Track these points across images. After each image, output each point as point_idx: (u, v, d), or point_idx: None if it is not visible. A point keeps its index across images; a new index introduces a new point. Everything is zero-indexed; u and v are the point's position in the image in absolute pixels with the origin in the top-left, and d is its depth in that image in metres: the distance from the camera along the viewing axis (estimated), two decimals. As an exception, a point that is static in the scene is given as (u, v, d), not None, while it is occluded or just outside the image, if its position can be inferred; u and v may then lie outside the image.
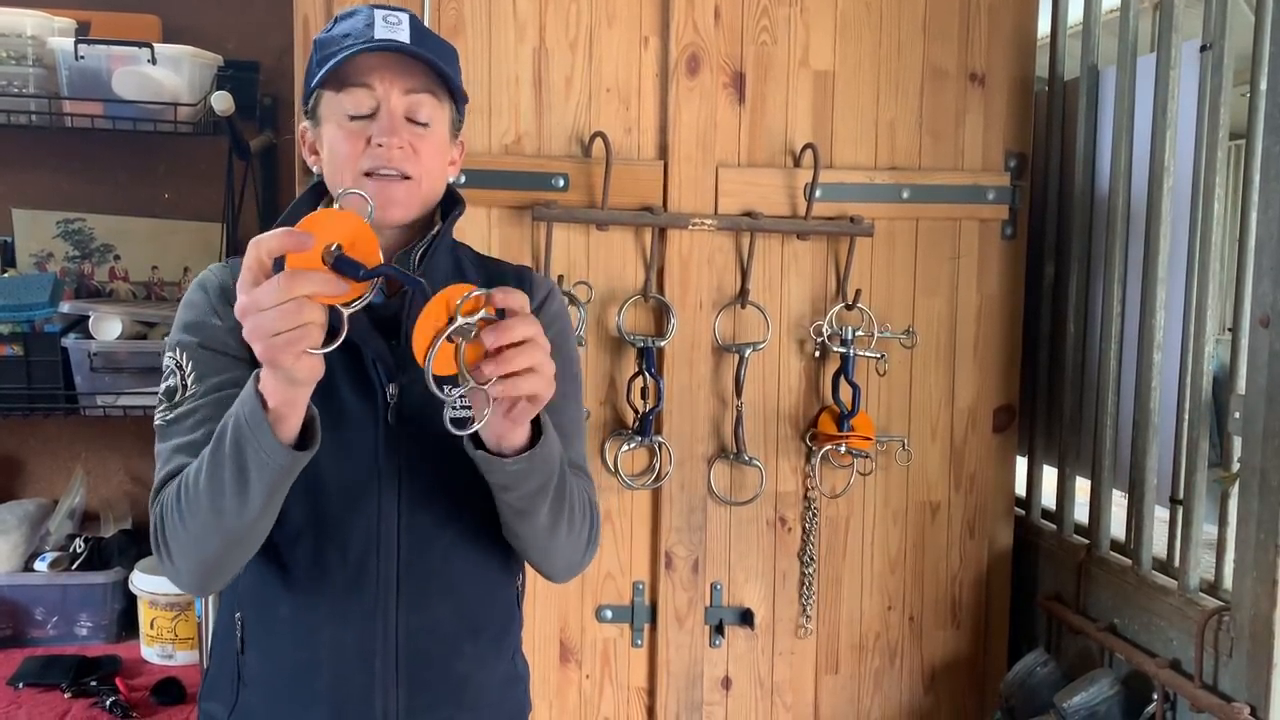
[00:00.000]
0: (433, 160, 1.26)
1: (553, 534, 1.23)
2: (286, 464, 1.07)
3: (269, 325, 0.98)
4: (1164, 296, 1.83)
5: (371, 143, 1.22)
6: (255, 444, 1.06)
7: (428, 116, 1.25)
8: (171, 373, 1.24)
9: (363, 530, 1.23)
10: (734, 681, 2.06)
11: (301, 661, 1.25)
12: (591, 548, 1.32)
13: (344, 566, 1.23)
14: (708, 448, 2.01)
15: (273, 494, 1.11)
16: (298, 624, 1.25)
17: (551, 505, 1.20)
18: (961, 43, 2.03)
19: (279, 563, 1.24)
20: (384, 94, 1.22)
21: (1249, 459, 1.55)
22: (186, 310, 1.28)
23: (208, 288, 1.29)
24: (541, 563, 1.30)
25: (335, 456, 1.21)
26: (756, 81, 1.98)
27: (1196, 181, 1.74)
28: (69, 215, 2.43)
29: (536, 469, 1.15)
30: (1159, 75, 1.82)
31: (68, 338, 2.16)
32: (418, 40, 1.24)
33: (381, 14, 1.24)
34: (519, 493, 1.17)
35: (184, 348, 1.24)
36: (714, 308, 1.98)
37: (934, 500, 2.10)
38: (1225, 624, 1.60)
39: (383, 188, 1.22)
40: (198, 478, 1.12)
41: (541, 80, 1.93)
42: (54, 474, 2.48)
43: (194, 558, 1.17)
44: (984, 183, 2.04)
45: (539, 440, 1.14)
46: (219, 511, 1.11)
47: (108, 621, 2.23)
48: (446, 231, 1.30)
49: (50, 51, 2.12)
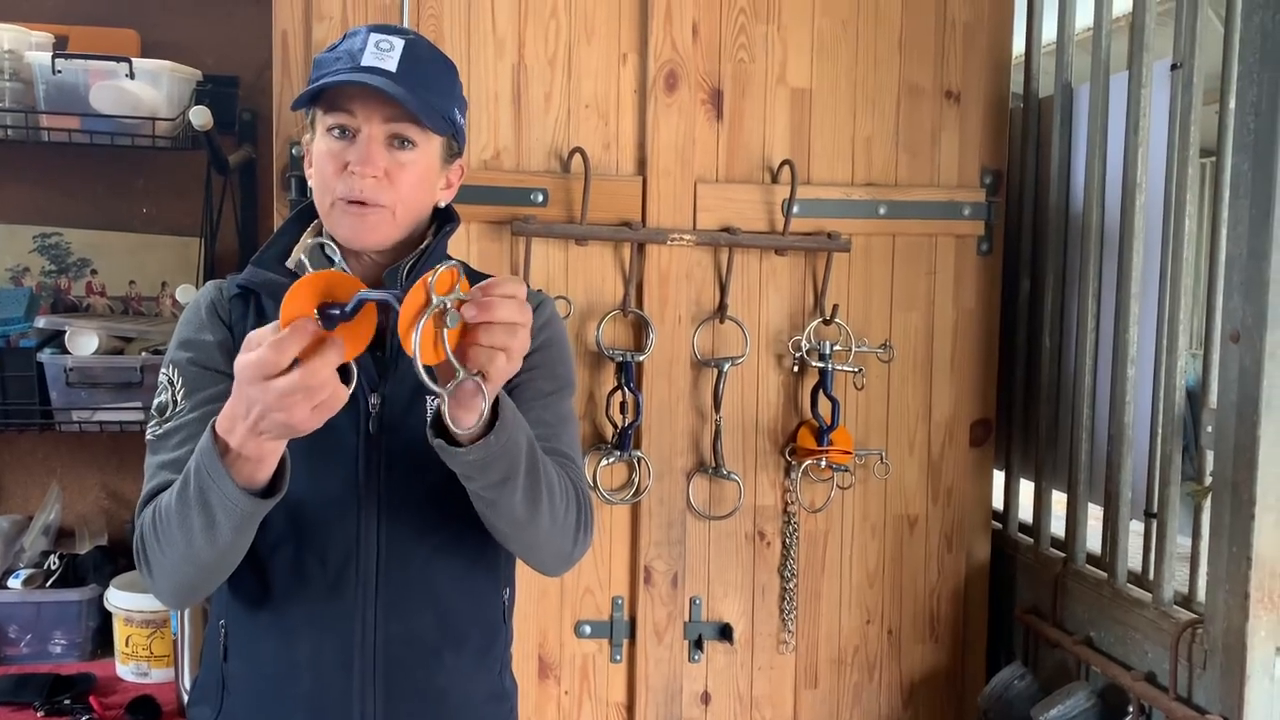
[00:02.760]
0: (411, 188, 1.26)
1: (532, 524, 1.21)
2: (252, 510, 1.10)
3: (306, 402, 0.99)
4: (1137, 311, 1.85)
5: (348, 169, 1.23)
6: (219, 493, 1.08)
7: (413, 140, 1.25)
8: (164, 388, 1.27)
9: (342, 538, 1.24)
10: (713, 697, 2.05)
11: (282, 668, 1.26)
12: (583, 536, 1.30)
13: (324, 574, 1.25)
14: (687, 462, 2.01)
15: (241, 532, 1.13)
16: (278, 631, 1.27)
17: (525, 495, 1.17)
18: (937, 61, 2.05)
19: (260, 571, 1.26)
20: (363, 121, 1.23)
21: (1221, 472, 1.57)
22: (181, 329, 1.32)
23: (200, 305, 1.32)
24: (528, 555, 1.30)
25: (316, 465, 1.23)
26: (734, 98, 1.99)
27: (1168, 198, 1.77)
28: (45, 229, 2.41)
29: (496, 458, 1.12)
30: (1131, 93, 1.84)
31: (43, 352, 2.14)
32: (406, 69, 1.23)
33: (376, 39, 1.24)
34: (482, 483, 1.15)
35: (177, 365, 1.27)
36: (693, 322, 1.99)
37: (912, 514, 2.11)
38: (1199, 636, 1.62)
39: (358, 216, 1.24)
40: (169, 513, 1.14)
41: (520, 96, 1.94)
42: (29, 490, 2.46)
43: (172, 580, 1.20)
44: (960, 199, 2.06)
45: (494, 427, 1.10)
46: (191, 545, 1.13)
47: (82, 639, 2.21)
48: (437, 247, 1.31)
49: (27, 65, 2.11)
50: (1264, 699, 1.53)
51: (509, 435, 1.13)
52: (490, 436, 1.10)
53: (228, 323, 1.29)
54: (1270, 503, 1.50)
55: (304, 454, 1.15)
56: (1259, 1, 1.49)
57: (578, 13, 1.94)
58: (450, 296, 1.02)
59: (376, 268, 1.29)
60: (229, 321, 1.29)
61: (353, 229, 1.24)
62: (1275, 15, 1.47)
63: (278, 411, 0.99)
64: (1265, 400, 1.49)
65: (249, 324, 1.27)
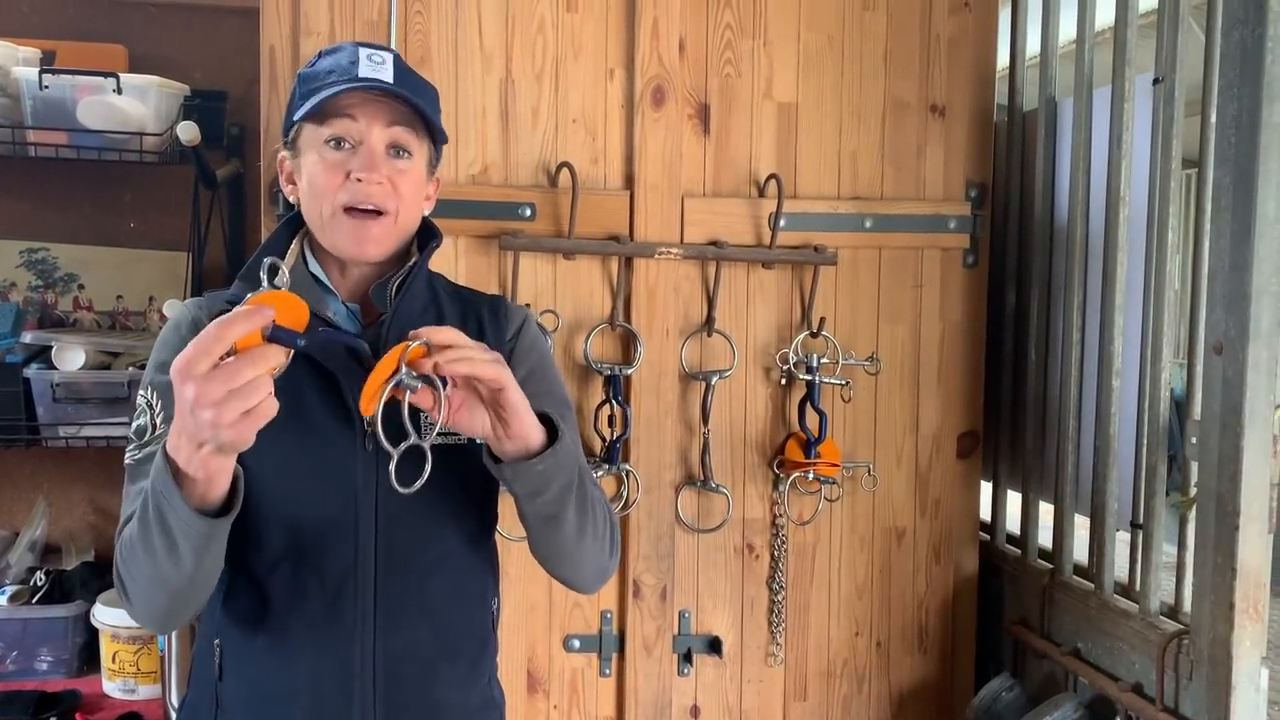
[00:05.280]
0: (410, 195, 1.27)
1: (580, 537, 1.26)
2: (207, 530, 1.09)
3: (238, 405, 0.98)
4: (1122, 323, 1.86)
5: (351, 177, 1.23)
6: (175, 514, 1.07)
7: (410, 149, 1.27)
8: (143, 411, 1.25)
9: (340, 556, 1.24)
10: (702, 710, 2.05)
11: (281, 687, 1.26)
12: (615, 552, 1.34)
13: (322, 592, 1.24)
14: (675, 475, 2.01)
15: (203, 554, 1.12)
16: (276, 650, 1.26)
17: (577, 504, 1.23)
18: (922, 75, 2.07)
19: (257, 590, 1.25)
20: (366, 128, 1.24)
21: (1205, 483, 1.58)
22: (160, 349, 1.29)
23: (180, 324, 1.30)
24: (573, 572, 1.33)
25: (313, 484, 1.23)
26: (721, 113, 2.00)
27: (1151, 210, 1.78)
28: (33, 244, 2.41)
29: (561, 465, 1.18)
30: (1114, 107, 1.85)
31: (30, 368, 2.14)
32: (400, 80, 1.26)
33: (366, 52, 1.25)
34: (549, 494, 1.19)
35: (155, 387, 1.25)
36: (681, 336, 2.00)
37: (900, 526, 2.11)
38: (1185, 647, 1.62)
39: (361, 224, 1.24)
40: (134, 538, 1.14)
41: (508, 111, 1.94)
42: (15, 505, 2.45)
43: (148, 605, 1.20)
44: (945, 212, 2.07)
45: (556, 438, 1.17)
46: (157, 568, 1.13)
47: (69, 656, 2.20)
48: (423, 263, 1.31)
49: (15, 81, 2.11)
50: (1249, 709, 1.54)
51: (567, 440, 1.19)
52: (556, 444, 1.16)
53: None
54: (1254, 513, 1.51)
55: (302, 473, 1.15)
56: (1239, 17, 1.51)
57: (565, 28, 1.95)
58: (417, 373, 1.09)
59: (364, 281, 1.30)
60: None
61: (355, 238, 1.24)
62: (1255, 30, 1.48)
63: (204, 410, 0.97)
64: (1248, 411, 1.50)
65: None
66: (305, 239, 1.33)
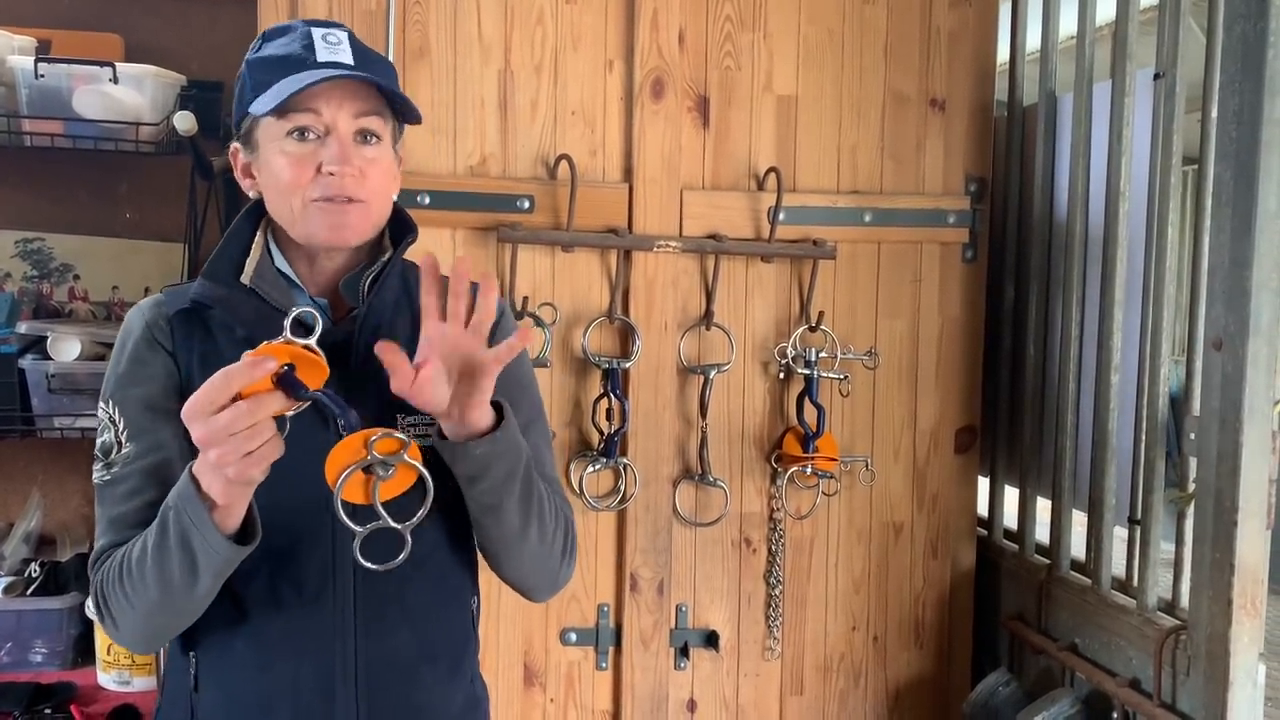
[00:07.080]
0: (381, 181, 1.24)
1: (523, 536, 1.24)
2: (233, 557, 1.10)
3: (239, 447, 1.01)
4: (1121, 319, 1.86)
5: (322, 170, 1.19)
6: (201, 539, 1.08)
7: (379, 133, 1.23)
8: (106, 427, 1.23)
9: (318, 561, 1.22)
10: (699, 704, 2.05)
11: (260, 696, 1.24)
12: (569, 561, 1.32)
13: (299, 599, 1.22)
14: (673, 469, 2.01)
15: (220, 578, 1.13)
16: (255, 658, 1.24)
17: (521, 498, 1.21)
18: (922, 69, 2.06)
19: (234, 599, 1.22)
20: (332, 119, 1.19)
21: (1204, 479, 1.57)
22: (117, 360, 1.25)
23: (133, 332, 1.26)
24: (516, 574, 1.31)
25: (288, 489, 1.17)
26: (720, 106, 2.00)
27: (1151, 206, 1.78)
28: (28, 235, 2.39)
29: (502, 452, 1.17)
30: (1114, 102, 1.85)
31: (25, 359, 2.12)
32: (360, 60, 1.21)
33: (320, 33, 1.20)
34: (487, 482, 1.18)
35: (117, 402, 1.23)
36: (679, 329, 1.99)
37: (897, 521, 2.11)
38: (1183, 643, 1.62)
39: (338, 210, 1.20)
40: (142, 563, 1.13)
41: (507, 103, 1.94)
42: (9, 497, 2.44)
43: (140, 629, 1.20)
44: (945, 206, 2.07)
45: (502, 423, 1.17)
46: (169, 593, 1.13)
47: (63, 647, 2.18)
48: (397, 258, 1.28)
49: (10, 70, 2.10)
50: (1247, 705, 1.54)
51: (514, 429, 1.18)
52: (499, 430, 1.16)
53: (169, 348, 1.24)
54: (1252, 509, 1.51)
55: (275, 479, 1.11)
56: (1240, 11, 1.50)
57: (564, 20, 1.94)
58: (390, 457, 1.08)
59: (334, 275, 1.26)
60: (171, 346, 1.24)
61: (333, 226, 1.20)
62: (1256, 25, 1.48)
63: (209, 451, 1.02)
64: (1247, 407, 1.50)
65: (196, 343, 1.23)
66: (269, 232, 1.28)
